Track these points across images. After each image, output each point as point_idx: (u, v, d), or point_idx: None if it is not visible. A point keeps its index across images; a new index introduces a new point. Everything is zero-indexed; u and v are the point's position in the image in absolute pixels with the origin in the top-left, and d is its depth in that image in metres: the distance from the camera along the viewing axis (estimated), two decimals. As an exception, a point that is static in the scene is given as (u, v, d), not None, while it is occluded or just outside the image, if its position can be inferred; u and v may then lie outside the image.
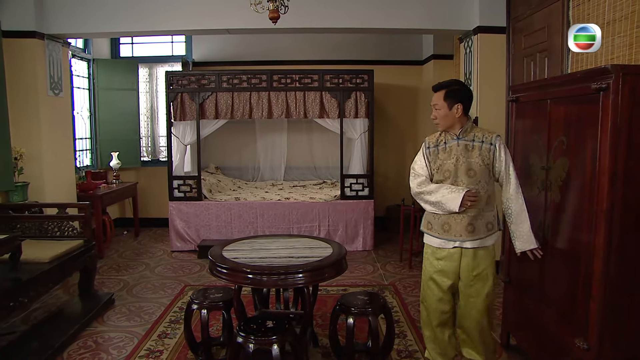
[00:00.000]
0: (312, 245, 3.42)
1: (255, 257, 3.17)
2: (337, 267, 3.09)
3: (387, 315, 3.22)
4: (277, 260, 3.09)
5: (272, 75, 6.06)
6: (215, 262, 3.08)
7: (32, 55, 4.95)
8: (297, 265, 2.99)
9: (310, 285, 3.09)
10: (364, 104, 6.08)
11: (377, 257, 5.87)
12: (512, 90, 3.34)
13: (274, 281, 2.94)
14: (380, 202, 7.23)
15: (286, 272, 2.93)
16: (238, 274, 2.97)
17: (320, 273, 2.99)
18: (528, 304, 3.10)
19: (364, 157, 6.22)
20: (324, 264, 3.02)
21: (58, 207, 4.48)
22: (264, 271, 2.94)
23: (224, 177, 7.34)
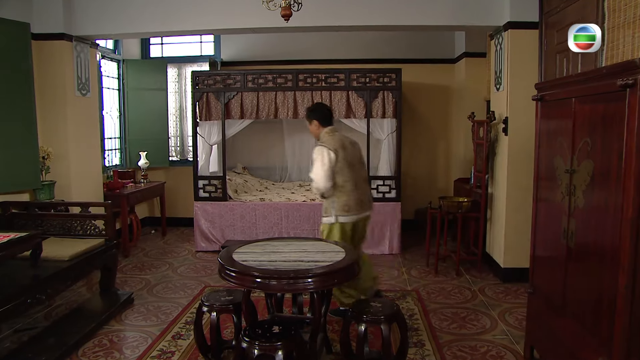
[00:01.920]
0: (325, 249, 3.35)
1: (265, 260, 3.12)
2: (347, 272, 3.01)
3: (401, 323, 3.12)
4: (286, 264, 3.03)
5: (298, 74, 6.04)
6: (224, 265, 3.04)
7: (60, 56, 5.09)
8: (306, 269, 2.93)
9: (320, 290, 3.02)
10: (392, 104, 5.97)
11: (403, 261, 5.76)
12: (537, 88, 3.17)
13: (281, 285, 2.87)
14: (410, 205, 7.13)
15: (294, 277, 2.87)
16: (246, 277, 2.92)
17: (329, 278, 2.91)
18: (551, 316, 2.94)
19: (391, 158, 6.11)
20: (334, 269, 2.94)
21: (81, 206, 4.57)
22: (272, 275, 2.88)
23: (251, 177, 7.38)
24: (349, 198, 3.79)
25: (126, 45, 7.14)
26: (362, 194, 3.89)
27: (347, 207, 3.78)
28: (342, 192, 3.79)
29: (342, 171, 3.77)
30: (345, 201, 3.78)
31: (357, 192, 3.84)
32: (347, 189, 3.79)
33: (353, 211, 3.79)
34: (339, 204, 3.79)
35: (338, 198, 3.80)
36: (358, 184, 3.87)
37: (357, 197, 3.84)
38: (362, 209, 3.88)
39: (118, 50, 7.01)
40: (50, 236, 4.44)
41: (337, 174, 3.76)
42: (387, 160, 6.11)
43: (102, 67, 6.56)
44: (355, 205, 3.81)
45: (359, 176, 3.91)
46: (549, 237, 2.99)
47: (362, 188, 3.92)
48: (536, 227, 3.18)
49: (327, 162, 3.71)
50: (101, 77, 6.47)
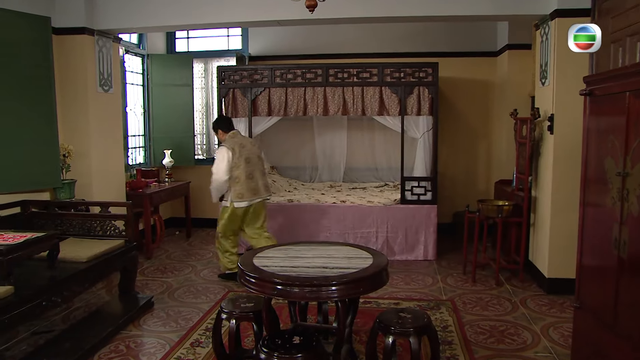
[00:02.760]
0: (352, 255, 3.29)
1: (287, 266, 3.08)
2: (374, 280, 2.94)
3: (432, 336, 3.01)
4: (309, 271, 2.99)
5: (328, 69, 5.99)
6: (244, 271, 3.02)
7: (81, 51, 5.17)
8: (329, 276, 2.86)
9: (344, 299, 2.95)
10: (428, 100, 5.84)
11: (439, 268, 5.63)
12: (586, 81, 3.01)
13: (303, 293, 2.83)
14: (447, 208, 7.01)
15: (317, 284, 2.81)
16: (266, 284, 2.89)
17: (355, 286, 2.86)
18: (600, 334, 2.77)
19: (427, 158, 5.99)
20: (360, 277, 2.88)
21: (101, 206, 4.62)
22: (294, 282, 2.84)
23: (279, 177, 7.36)
24: (242, 187, 4.86)
25: (151, 40, 7.23)
26: (256, 183, 4.93)
27: (240, 195, 4.87)
28: (237, 182, 4.85)
29: (238, 166, 4.84)
30: (239, 190, 4.85)
31: (250, 182, 4.90)
32: (242, 180, 4.85)
33: (246, 198, 4.87)
34: (234, 192, 4.86)
35: (233, 187, 4.86)
36: (253, 175, 4.93)
37: (250, 186, 4.89)
38: (255, 195, 4.94)
39: (142, 45, 7.10)
40: (69, 236, 4.50)
41: (234, 168, 4.83)
42: (423, 160, 6.01)
43: (126, 62, 6.64)
44: (247, 193, 4.87)
45: (255, 169, 4.96)
46: (597, 246, 2.83)
47: (256, 178, 4.95)
48: (583, 234, 3.02)
49: (226, 159, 4.81)
50: (125, 72, 6.56)
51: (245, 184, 4.86)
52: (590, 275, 2.94)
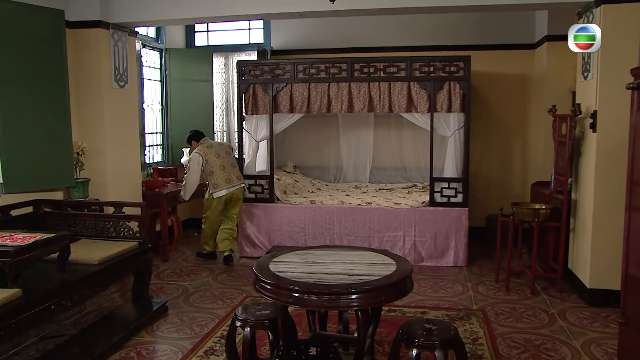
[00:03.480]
0: (374, 261, 3.22)
1: (305, 272, 3.03)
2: (398, 288, 2.87)
3: (460, 350, 2.90)
4: (327, 277, 2.93)
5: (353, 63, 5.92)
6: (259, 276, 2.97)
7: (96, 45, 5.20)
8: (349, 284, 2.80)
9: (365, 308, 2.87)
10: (459, 96, 5.72)
11: (470, 275, 5.50)
12: (634, 74, 2.86)
13: (321, 302, 2.78)
14: (479, 211, 6.89)
15: (336, 292, 2.75)
16: (281, 291, 2.84)
17: (376, 295, 2.79)
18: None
19: (458, 158, 5.87)
20: (382, 285, 2.82)
21: (114, 206, 4.63)
22: (312, 290, 2.78)
23: (302, 177, 7.36)
24: (217, 178, 5.77)
25: (169, 33, 7.27)
26: (228, 174, 5.84)
27: (216, 185, 5.77)
28: (212, 175, 5.77)
29: (210, 162, 5.77)
30: (215, 181, 5.77)
31: (223, 173, 5.81)
32: (215, 172, 5.77)
33: (222, 187, 5.77)
34: (211, 184, 5.79)
35: (210, 180, 5.79)
36: (224, 167, 5.83)
37: (224, 177, 5.80)
38: (229, 184, 5.82)
39: (160, 39, 7.14)
40: (82, 237, 4.53)
41: (207, 165, 5.77)
42: (453, 160, 5.89)
43: (143, 56, 6.69)
44: (222, 182, 5.78)
45: (225, 162, 5.87)
46: (645, 256, 2.69)
47: (228, 170, 5.85)
48: (629, 241, 2.87)
49: (199, 163, 5.76)
50: (142, 67, 6.61)
51: (220, 175, 5.77)
52: (638, 287, 2.79)
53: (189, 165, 5.88)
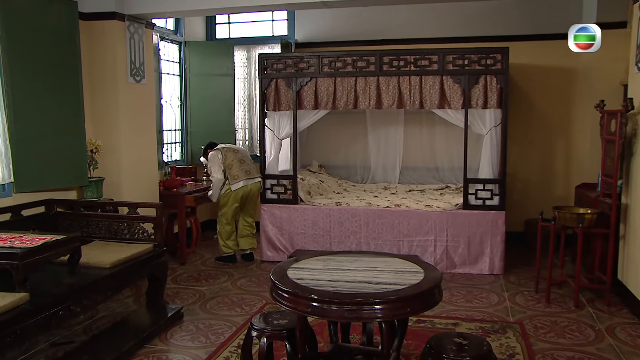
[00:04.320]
0: (400, 268, 3.14)
1: (325, 279, 2.97)
2: (425, 299, 2.78)
3: (493, 368, 2.79)
4: (349, 286, 2.86)
5: (382, 56, 5.85)
6: (276, 283, 2.92)
7: (111, 38, 5.24)
8: (372, 293, 2.72)
9: (389, 320, 2.79)
10: (496, 91, 5.60)
11: (506, 284, 5.37)
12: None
13: (341, 312, 2.70)
14: (517, 215, 6.79)
15: (358, 303, 2.68)
16: (300, 300, 2.78)
17: (401, 306, 2.70)
18: None
19: (494, 158, 5.75)
20: (408, 294, 2.72)
21: (128, 207, 4.64)
22: (332, 299, 2.72)
23: (327, 177, 7.33)
24: (236, 170, 5.93)
25: (188, 25, 7.30)
26: (248, 166, 6.06)
27: (236, 176, 5.91)
28: (231, 168, 5.94)
29: (228, 157, 5.96)
30: (234, 173, 5.92)
31: (243, 165, 6.00)
32: (235, 165, 5.95)
33: (241, 178, 5.91)
34: (231, 176, 5.92)
35: (229, 172, 5.93)
36: (244, 161, 6.06)
37: (243, 168, 5.98)
38: (248, 175, 6.00)
39: (179, 31, 7.18)
40: (95, 239, 4.55)
41: (225, 159, 5.96)
42: (489, 159, 5.77)
43: (161, 50, 6.72)
44: (241, 174, 5.93)
45: (244, 156, 6.11)
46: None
47: (247, 163, 6.08)
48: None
49: (218, 161, 5.95)
50: (159, 61, 6.64)
51: (239, 167, 5.95)
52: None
53: (209, 166, 6.06)
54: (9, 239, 3.50)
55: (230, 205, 5.98)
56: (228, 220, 6.03)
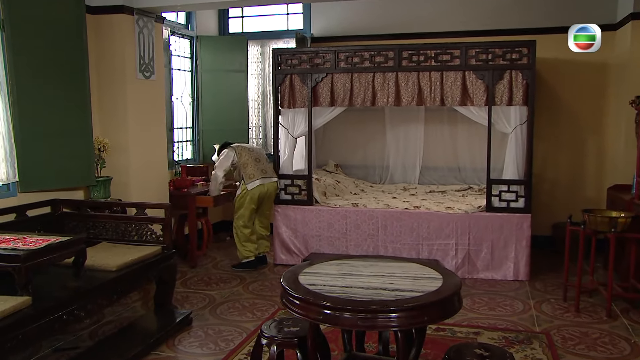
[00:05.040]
0: (418, 274, 3.09)
1: (338, 285, 2.93)
2: (443, 307, 2.73)
3: (517, 382, 2.72)
4: (363, 292, 2.82)
5: (401, 51, 5.80)
6: (287, 289, 2.89)
7: (119, 32, 5.24)
8: (387, 301, 2.68)
9: (406, 329, 2.74)
10: (522, 87, 5.51)
11: (532, 291, 5.29)
12: None
13: (354, 321, 2.65)
14: (544, 218, 6.68)
15: (372, 310, 2.64)
16: (311, 307, 2.75)
17: (418, 314, 2.65)
18: None
19: (519, 157, 5.68)
20: (425, 302, 2.67)
21: (136, 207, 4.65)
22: (345, 306, 2.68)
23: (344, 177, 7.31)
24: (252, 169, 5.83)
25: (200, 19, 7.31)
26: (264, 165, 5.98)
27: (251, 175, 5.80)
28: (246, 166, 5.85)
29: (242, 157, 5.90)
30: (249, 171, 5.83)
31: (259, 163, 5.92)
32: (250, 163, 5.85)
33: (257, 177, 5.81)
34: (246, 175, 5.83)
35: (244, 172, 5.84)
36: (260, 160, 5.98)
37: (259, 167, 5.89)
38: (264, 174, 5.91)
39: (191, 26, 7.19)
40: (102, 241, 4.56)
41: (240, 158, 5.89)
42: (514, 159, 5.70)
43: (172, 45, 6.73)
44: (257, 172, 5.83)
45: (260, 155, 6.04)
46: None
47: (263, 162, 6.00)
48: None
49: (230, 159, 5.92)
50: (170, 56, 6.66)
51: (254, 165, 5.85)
52: None
53: (219, 160, 6.02)
54: (12, 240, 3.52)
55: (247, 207, 5.86)
56: (245, 222, 5.90)
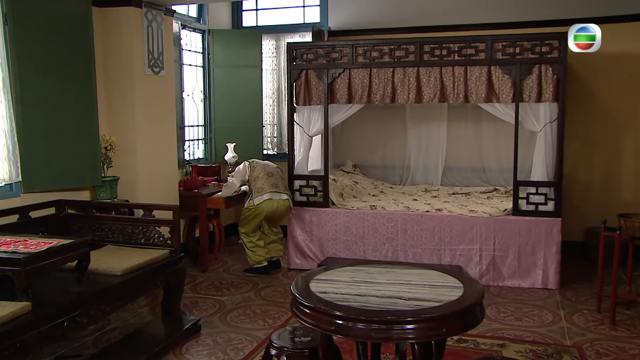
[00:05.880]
0: (436, 282, 3.03)
1: (351, 293, 2.89)
2: (463, 318, 2.67)
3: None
4: (377, 302, 2.78)
5: (423, 45, 5.75)
6: (297, 297, 2.85)
7: (127, 26, 5.24)
8: (402, 311, 2.63)
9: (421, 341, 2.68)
10: (552, 82, 5.42)
11: (563, 301, 5.19)
12: None
13: (367, 332, 2.60)
14: (576, 222, 6.58)
15: (387, 321, 2.59)
16: (322, 316, 2.71)
17: (436, 326, 2.59)
18: None
19: (549, 157, 5.58)
20: (444, 313, 2.62)
21: (143, 209, 4.65)
22: (358, 316, 2.63)
23: (362, 178, 7.30)
24: (262, 182, 5.84)
25: (213, 12, 7.32)
26: (276, 180, 5.94)
27: (260, 189, 5.80)
28: (257, 179, 5.86)
29: (256, 170, 5.92)
30: (259, 185, 5.83)
31: (270, 178, 5.90)
32: (261, 177, 5.87)
33: (266, 190, 5.80)
34: (255, 189, 5.84)
35: (254, 185, 5.86)
36: (272, 175, 5.96)
37: (270, 181, 5.87)
38: (275, 189, 5.86)
39: (203, 19, 7.19)
40: (108, 243, 4.57)
41: (253, 171, 5.92)
42: (543, 159, 5.61)
43: (182, 39, 6.74)
44: (267, 186, 5.82)
45: (273, 170, 6.03)
46: None
47: (276, 177, 5.97)
48: None
49: (245, 170, 5.93)
50: (181, 51, 6.66)
51: (265, 180, 5.85)
52: None
53: (235, 172, 6.08)
54: (13, 243, 3.52)
55: (251, 222, 5.90)
56: (248, 232, 5.95)
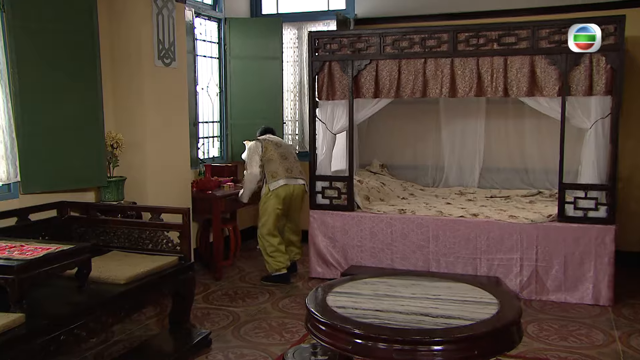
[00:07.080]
0: (468, 297, 2.98)
1: (372, 308, 2.87)
2: (498, 339, 2.63)
3: None
4: (401, 318, 2.75)
5: (457, 33, 5.65)
6: (312, 312, 2.81)
7: (135, 14, 5.21)
8: (428, 330, 2.58)
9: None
10: (605, 73, 5.24)
11: (617, 319, 5.03)
12: None
13: (388, 353, 2.58)
14: (633, 230, 6.44)
15: (410, 342, 2.53)
16: (339, 334, 2.70)
17: (466, 347, 2.57)
18: None
19: (601, 158, 5.44)
20: (475, 334, 2.57)
21: (150, 212, 4.62)
22: (379, 335, 2.59)
23: (390, 179, 7.26)
24: (275, 166, 5.87)
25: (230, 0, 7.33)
26: (290, 163, 5.98)
27: (275, 174, 5.84)
28: (270, 164, 5.88)
29: (268, 151, 5.90)
30: (273, 169, 5.86)
31: (285, 161, 5.94)
32: (275, 159, 5.89)
33: (281, 175, 5.85)
34: (269, 174, 5.87)
35: (268, 169, 5.88)
36: (287, 157, 6.00)
37: (284, 165, 5.91)
38: (290, 174, 5.91)
39: (219, 6, 7.20)
40: (113, 249, 4.55)
41: (265, 153, 5.89)
42: (594, 160, 5.46)
43: (197, 28, 6.73)
44: (282, 171, 5.87)
45: (287, 152, 6.06)
46: None
47: (290, 160, 6.02)
48: None
49: (257, 152, 5.90)
50: (195, 41, 6.65)
51: (279, 163, 5.88)
52: None
53: (246, 158, 6.03)
54: (8, 249, 3.50)
55: (272, 211, 5.85)
56: (271, 230, 5.88)
